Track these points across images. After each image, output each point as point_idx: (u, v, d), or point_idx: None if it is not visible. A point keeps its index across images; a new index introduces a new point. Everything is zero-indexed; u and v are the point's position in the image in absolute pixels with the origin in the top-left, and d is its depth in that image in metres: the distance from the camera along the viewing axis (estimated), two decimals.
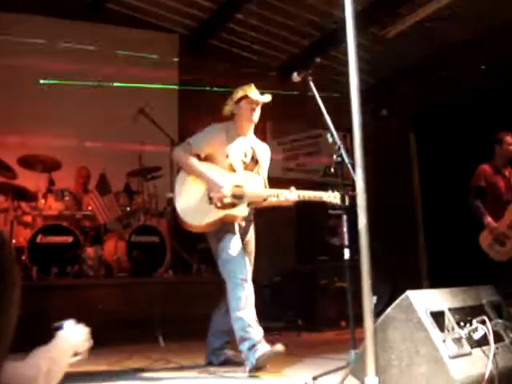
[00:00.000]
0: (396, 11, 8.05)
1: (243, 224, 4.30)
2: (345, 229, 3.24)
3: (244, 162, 4.32)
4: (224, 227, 4.14)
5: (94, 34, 8.82)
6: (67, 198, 6.94)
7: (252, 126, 4.45)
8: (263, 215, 4.64)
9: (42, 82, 8.22)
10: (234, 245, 4.11)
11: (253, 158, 4.40)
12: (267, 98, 4.39)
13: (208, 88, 9.12)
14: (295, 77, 3.87)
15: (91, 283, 6.38)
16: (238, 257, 4.09)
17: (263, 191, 4.21)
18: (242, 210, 4.13)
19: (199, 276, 7.06)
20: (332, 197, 4.08)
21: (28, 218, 6.89)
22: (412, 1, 7.71)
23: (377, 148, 3.94)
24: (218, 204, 4.03)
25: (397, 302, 2.77)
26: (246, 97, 4.40)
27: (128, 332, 5.85)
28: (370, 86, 10.14)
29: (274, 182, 4.51)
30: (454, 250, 9.09)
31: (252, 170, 4.36)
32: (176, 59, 9.54)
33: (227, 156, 4.23)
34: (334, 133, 3.43)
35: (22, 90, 8.13)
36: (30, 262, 6.15)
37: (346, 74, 2.30)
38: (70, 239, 6.42)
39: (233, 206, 4.09)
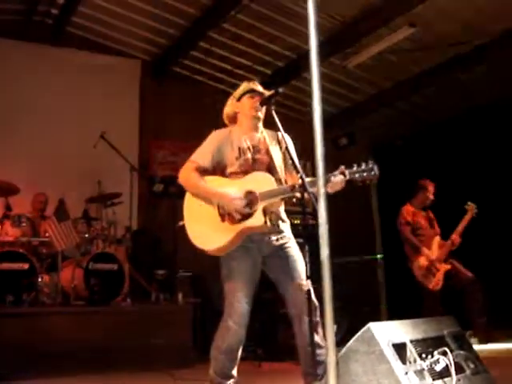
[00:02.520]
0: (357, 42, 8.15)
1: (266, 238, 3.69)
2: (307, 259, 3.22)
3: (254, 159, 3.80)
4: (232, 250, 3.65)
5: (56, 57, 8.74)
6: (24, 224, 6.80)
7: (258, 123, 3.92)
8: None
9: None
10: (237, 275, 3.65)
11: (266, 151, 3.86)
12: (271, 92, 3.79)
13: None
14: (259, 107, 3.81)
15: (47, 311, 6.22)
16: (237, 294, 3.62)
17: (276, 188, 3.62)
18: (257, 219, 3.56)
19: (158, 305, 6.96)
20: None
21: None
22: (373, 32, 7.82)
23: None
24: (238, 217, 3.56)
25: (359, 333, 2.75)
26: (249, 91, 3.91)
27: (84, 361, 5.73)
28: (330, 115, 10.23)
29: None
30: (413, 279, 9.16)
31: (268, 165, 3.82)
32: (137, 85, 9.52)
33: (236, 158, 3.77)
34: (297, 162, 3.42)
35: None
36: None
37: (306, 104, 2.29)
38: (26, 266, 6.28)
39: (248, 216, 3.57)
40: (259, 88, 3.94)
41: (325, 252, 2.16)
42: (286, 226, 3.78)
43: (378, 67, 8.92)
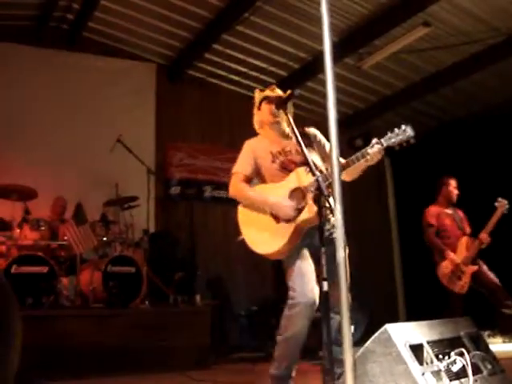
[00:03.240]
0: (372, 43, 8.15)
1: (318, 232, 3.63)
2: (323, 261, 3.22)
3: (288, 161, 3.91)
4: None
5: (71, 62, 8.81)
6: (43, 228, 6.86)
7: (282, 127, 4.00)
8: (241, 245, 4.38)
9: None
10: (295, 269, 3.71)
11: (296, 151, 3.89)
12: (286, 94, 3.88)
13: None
14: (275, 111, 3.84)
15: (66, 314, 6.26)
16: (299, 286, 3.66)
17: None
18: (310, 211, 3.64)
19: (176, 307, 6.99)
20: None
21: (2, 248, 6.79)
22: (387, 33, 7.82)
23: None
24: (290, 217, 3.67)
25: (376, 335, 2.76)
26: (264, 98, 4.02)
27: (103, 364, 5.77)
28: (345, 116, 10.24)
29: None
30: (431, 279, 9.14)
31: (302, 163, 3.80)
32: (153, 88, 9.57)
33: (272, 162, 3.92)
34: (312, 166, 3.43)
35: None
36: None
37: (322, 105, 2.30)
38: (45, 269, 6.33)
39: (300, 210, 3.68)
40: (278, 91, 4.02)
41: (341, 254, 2.18)
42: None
43: (392, 67, 8.93)
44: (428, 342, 2.85)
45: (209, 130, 9.67)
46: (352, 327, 2.17)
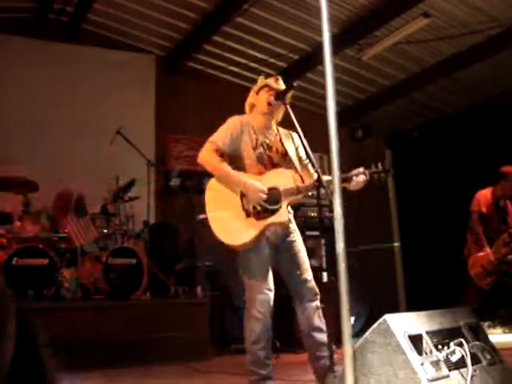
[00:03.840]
0: (372, 34, 8.14)
1: (280, 230, 3.77)
2: (323, 252, 3.24)
3: (267, 156, 3.84)
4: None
5: (71, 54, 8.80)
6: (43, 220, 6.86)
7: (271, 121, 4.00)
8: None
9: None
10: (256, 266, 3.72)
11: (276, 150, 3.91)
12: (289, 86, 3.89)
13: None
14: (273, 101, 3.84)
15: (67, 306, 6.29)
16: (260, 283, 3.71)
17: (302, 186, 3.67)
18: (283, 216, 3.65)
19: (176, 298, 7.01)
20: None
21: (3, 241, 6.79)
22: (388, 24, 7.80)
23: (353, 168, 3.90)
24: (258, 208, 3.63)
25: (375, 325, 2.76)
26: (265, 86, 3.96)
27: (104, 356, 5.78)
28: (345, 107, 10.22)
29: None
30: (431, 270, 9.15)
31: (279, 164, 3.85)
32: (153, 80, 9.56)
33: (253, 149, 3.82)
34: (312, 156, 3.43)
35: None
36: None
37: (322, 96, 2.30)
38: (45, 262, 6.32)
39: (273, 212, 3.64)
40: (280, 83, 3.99)
41: (340, 246, 2.19)
42: (291, 217, 3.87)
43: (392, 58, 8.91)
44: (427, 333, 2.86)
45: (208, 122, 9.57)
46: (352, 318, 2.18)
